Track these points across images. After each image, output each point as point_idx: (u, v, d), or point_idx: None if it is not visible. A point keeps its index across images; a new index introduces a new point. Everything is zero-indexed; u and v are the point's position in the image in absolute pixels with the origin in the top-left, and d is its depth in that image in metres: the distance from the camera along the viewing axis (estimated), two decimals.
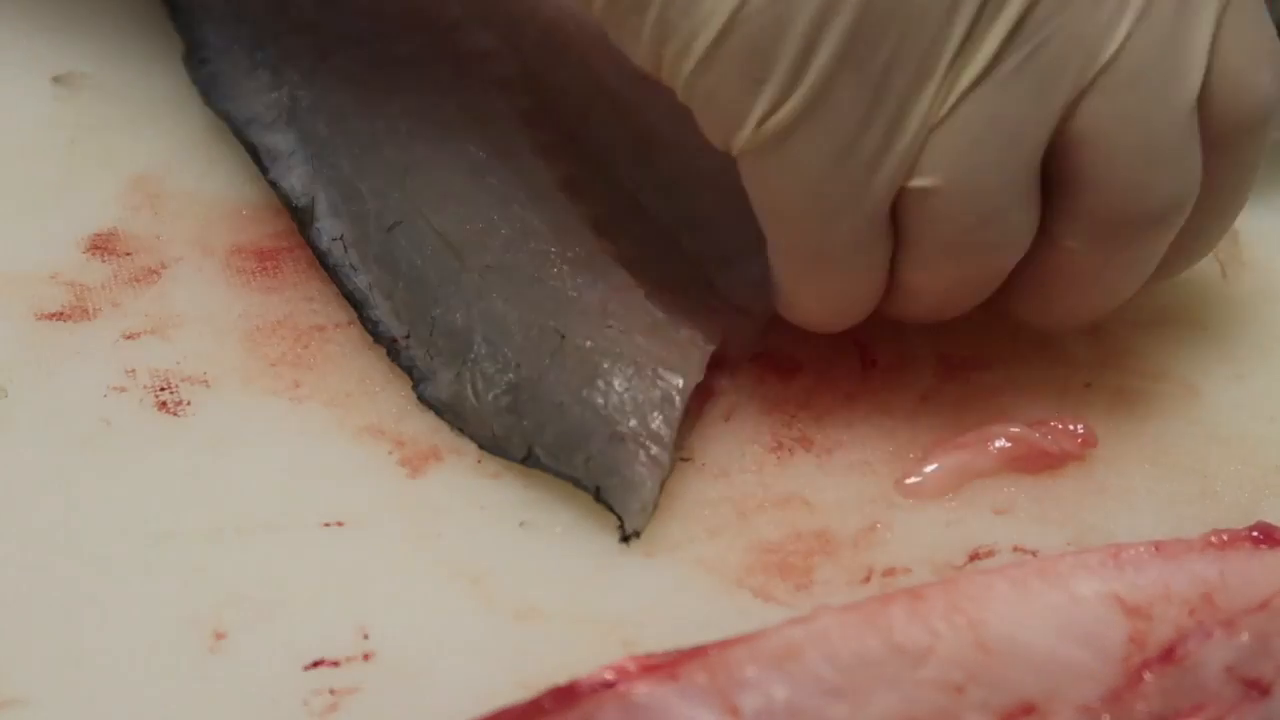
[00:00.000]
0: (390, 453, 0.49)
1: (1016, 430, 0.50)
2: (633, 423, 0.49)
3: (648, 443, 0.48)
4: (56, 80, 0.63)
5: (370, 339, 0.52)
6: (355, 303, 0.52)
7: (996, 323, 0.54)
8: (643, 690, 0.41)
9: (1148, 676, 0.43)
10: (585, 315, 0.51)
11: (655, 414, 0.49)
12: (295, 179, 0.55)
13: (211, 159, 0.59)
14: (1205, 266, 0.56)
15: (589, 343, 0.50)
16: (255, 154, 0.57)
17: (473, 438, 0.50)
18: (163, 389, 0.51)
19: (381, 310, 0.52)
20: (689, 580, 0.47)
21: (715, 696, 0.42)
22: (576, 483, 0.48)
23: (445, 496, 0.48)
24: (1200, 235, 0.49)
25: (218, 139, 0.60)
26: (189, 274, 0.55)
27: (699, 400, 0.51)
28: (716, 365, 0.52)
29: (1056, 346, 0.53)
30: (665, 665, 0.42)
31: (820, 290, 0.48)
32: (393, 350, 0.52)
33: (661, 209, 0.55)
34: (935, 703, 0.43)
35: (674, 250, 0.54)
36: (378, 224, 0.54)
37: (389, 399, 0.51)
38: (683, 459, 0.50)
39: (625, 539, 0.47)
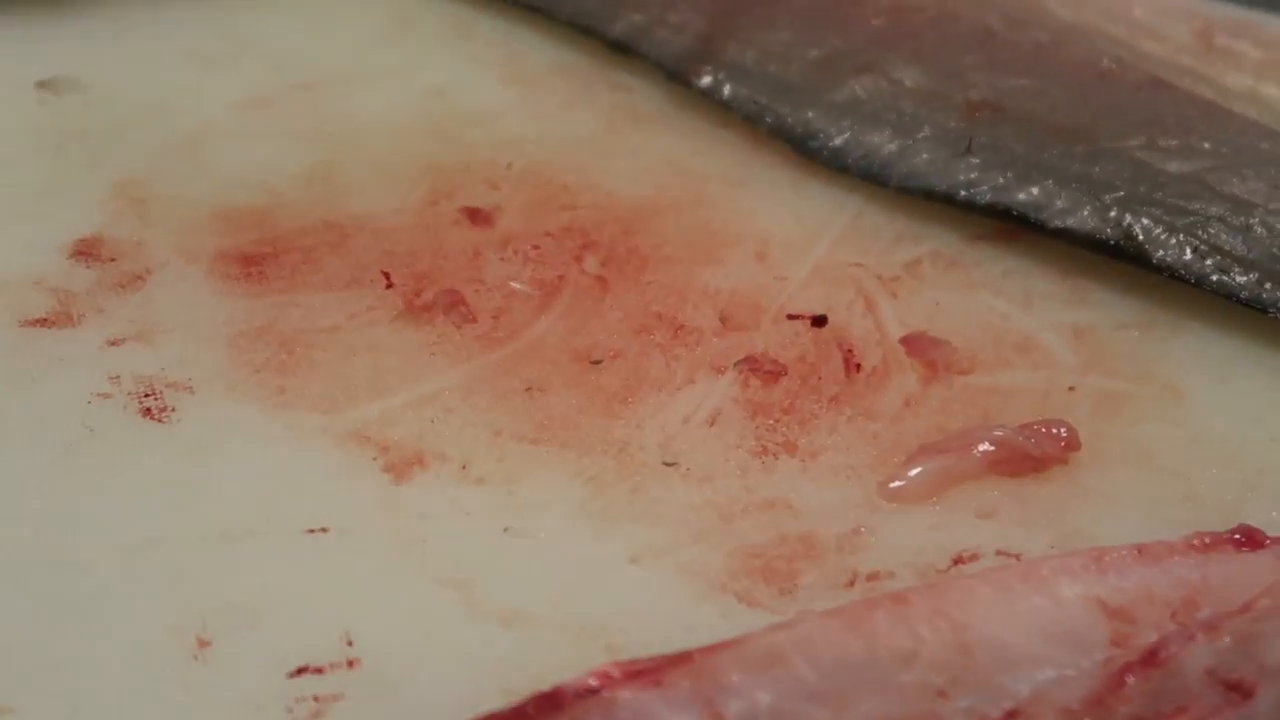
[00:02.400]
0: (375, 459, 0.49)
1: (1000, 434, 0.50)
2: None
3: None
4: (41, 85, 0.63)
5: (368, 340, 0.53)
6: None
7: (980, 328, 0.54)
8: (627, 696, 0.41)
9: (1130, 680, 0.43)
10: None
11: None
12: None
13: (196, 164, 0.59)
14: None
15: None
16: None
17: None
18: (147, 395, 0.51)
19: None
20: (673, 585, 0.46)
21: (699, 702, 0.42)
22: None
23: (429, 503, 0.48)
24: None
25: (203, 144, 0.60)
26: (173, 280, 0.55)
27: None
28: None
29: (1041, 351, 0.54)
30: (649, 671, 0.42)
31: None
32: None
33: None
34: (918, 706, 0.43)
35: None
36: None
37: (374, 405, 0.51)
38: (667, 464, 0.50)
39: None
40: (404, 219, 0.58)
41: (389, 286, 0.55)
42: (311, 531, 0.47)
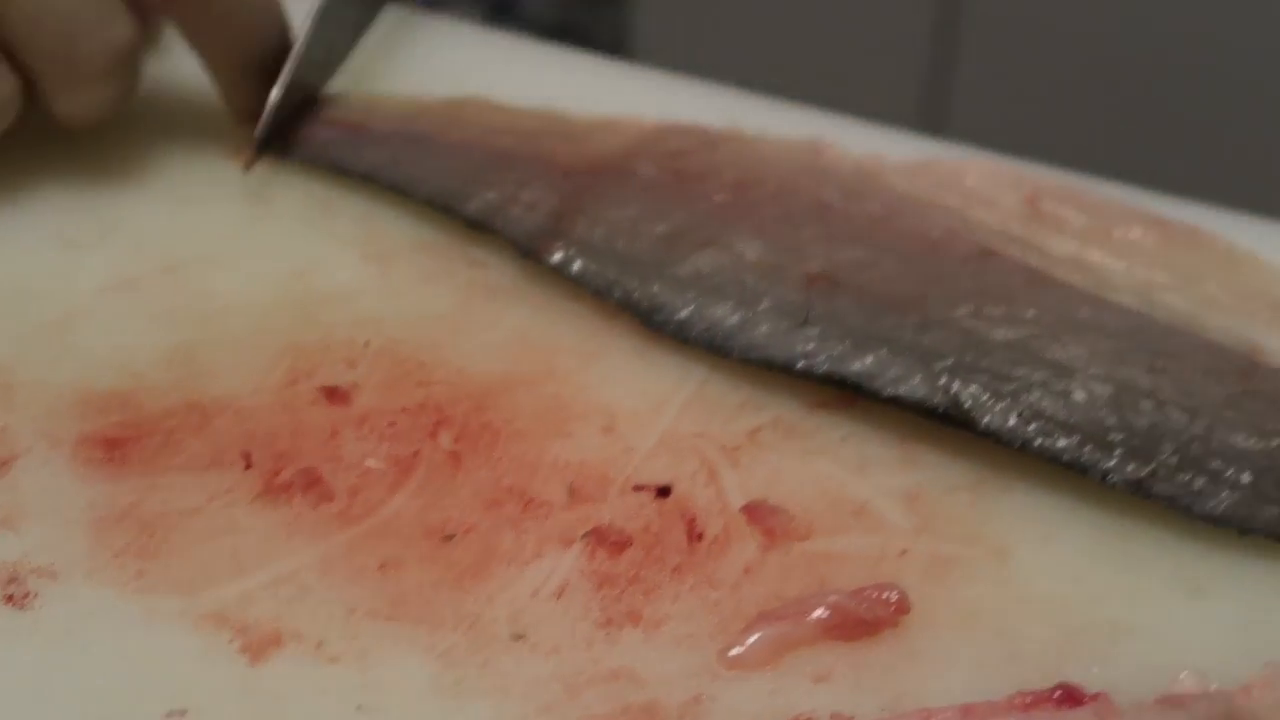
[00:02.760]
0: (231, 641, 0.51)
1: (834, 599, 0.53)
2: None
3: None
4: None
5: (227, 521, 0.54)
6: None
7: (818, 494, 0.56)
8: None
9: None
10: None
11: None
12: None
13: (62, 348, 0.61)
14: None
15: None
16: None
17: None
18: (11, 582, 0.53)
19: None
20: None
21: None
22: None
23: (285, 683, 0.50)
24: None
25: (69, 328, 0.62)
26: (37, 465, 0.57)
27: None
28: None
29: (875, 515, 0.56)
30: None
31: None
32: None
33: None
34: None
35: None
36: None
37: (232, 586, 0.53)
38: (515, 637, 0.52)
39: None
40: (263, 399, 0.60)
41: (248, 467, 0.57)
42: (170, 716, 0.49)
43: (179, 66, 0.69)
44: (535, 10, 1.08)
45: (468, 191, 0.67)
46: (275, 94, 0.69)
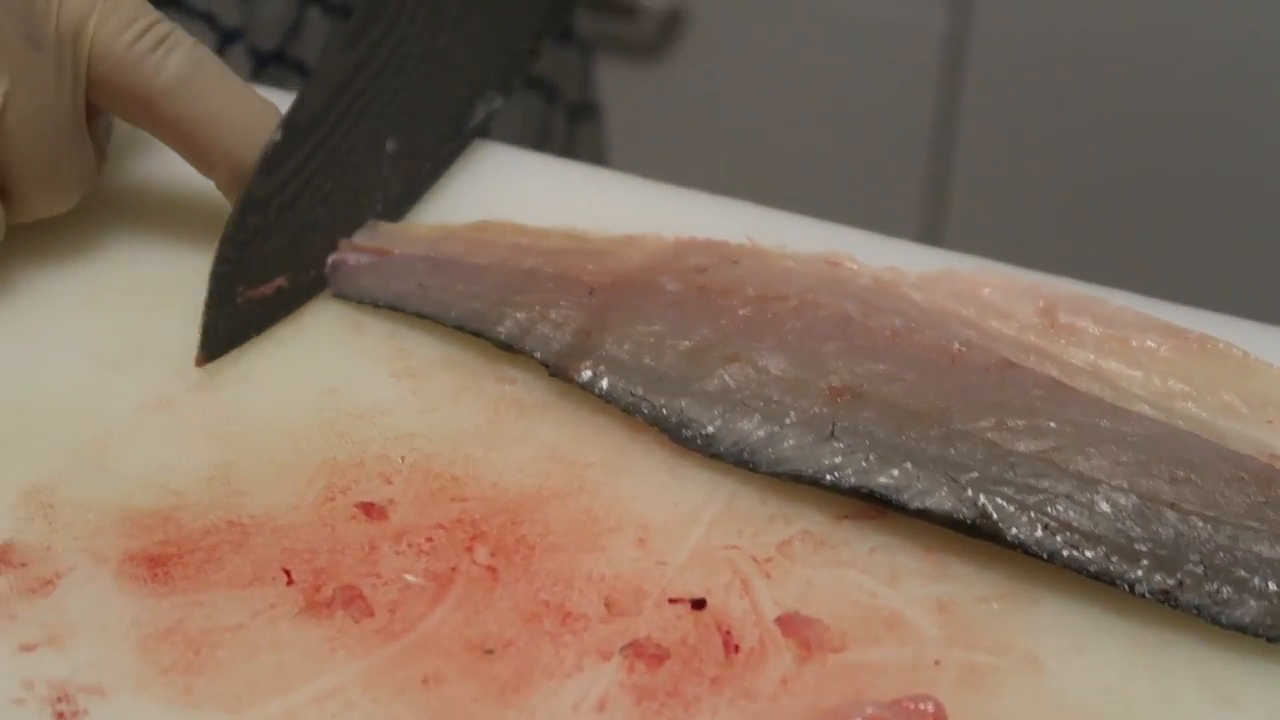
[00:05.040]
0: None
1: (872, 710, 0.54)
2: None
3: None
4: None
5: (271, 637, 0.55)
6: None
7: (850, 605, 0.57)
8: None
9: None
10: None
11: None
12: None
13: (102, 468, 0.62)
14: None
15: None
16: None
17: None
18: (59, 699, 0.53)
19: None
20: None
21: None
22: None
23: None
24: None
25: (108, 447, 0.63)
26: (82, 583, 0.58)
27: None
28: None
29: (907, 626, 0.57)
30: None
31: None
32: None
33: None
34: None
35: None
36: None
37: (277, 702, 0.54)
38: None
39: None
40: (302, 516, 0.61)
41: (290, 583, 0.58)
42: None
43: (207, 186, 0.71)
44: (512, 127, 1.09)
45: (496, 314, 0.69)
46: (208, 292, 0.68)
